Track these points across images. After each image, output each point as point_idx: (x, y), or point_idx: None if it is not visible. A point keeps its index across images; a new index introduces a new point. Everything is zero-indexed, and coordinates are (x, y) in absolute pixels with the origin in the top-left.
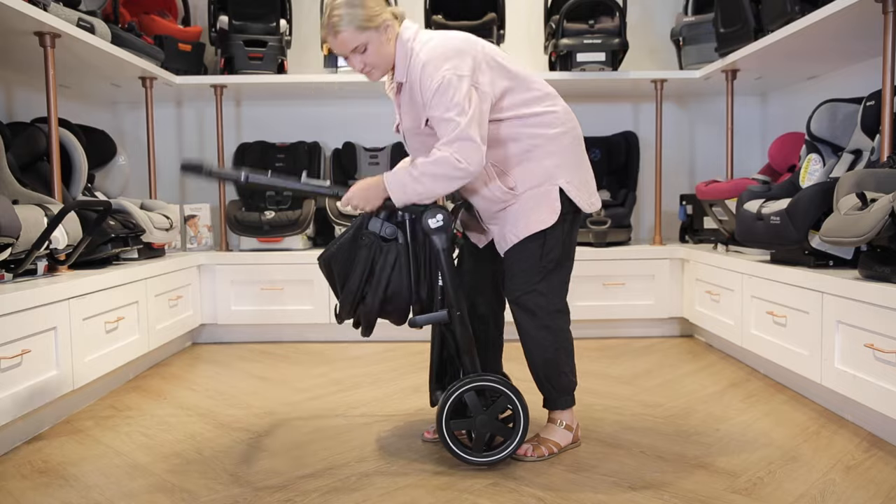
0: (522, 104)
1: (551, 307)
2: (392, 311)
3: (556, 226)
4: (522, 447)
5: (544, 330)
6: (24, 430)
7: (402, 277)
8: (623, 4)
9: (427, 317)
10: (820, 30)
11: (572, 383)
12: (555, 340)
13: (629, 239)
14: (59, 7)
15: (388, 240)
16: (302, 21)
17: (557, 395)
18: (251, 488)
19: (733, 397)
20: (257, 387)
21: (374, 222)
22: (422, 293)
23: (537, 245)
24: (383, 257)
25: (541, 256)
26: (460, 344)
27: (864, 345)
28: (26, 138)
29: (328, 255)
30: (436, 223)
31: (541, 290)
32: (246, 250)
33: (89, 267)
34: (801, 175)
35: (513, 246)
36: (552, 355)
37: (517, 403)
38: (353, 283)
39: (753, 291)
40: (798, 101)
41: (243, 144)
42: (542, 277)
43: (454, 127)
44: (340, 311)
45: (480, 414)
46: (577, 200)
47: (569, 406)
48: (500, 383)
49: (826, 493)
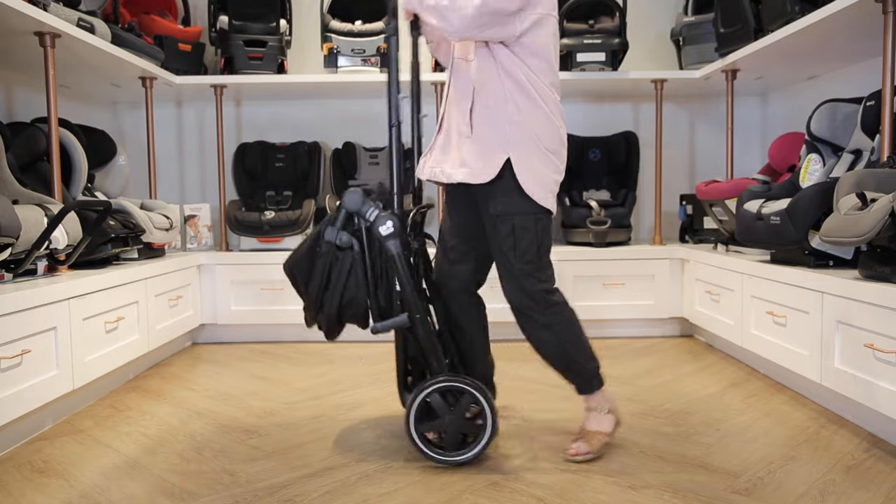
0: (540, 60)
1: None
2: (352, 317)
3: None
4: (573, 446)
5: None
6: (24, 430)
7: (358, 285)
8: (623, 4)
9: (386, 323)
10: (820, 30)
11: (593, 367)
12: (556, 336)
13: (629, 239)
14: (59, 7)
15: (343, 248)
16: (302, 21)
17: (582, 382)
18: (251, 488)
19: (733, 397)
20: (257, 387)
21: (329, 231)
22: (380, 299)
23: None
24: (339, 266)
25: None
26: (424, 346)
27: (864, 345)
28: (26, 138)
29: (291, 262)
30: (386, 230)
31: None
32: (246, 250)
33: (89, 267)
34: (801, 175)
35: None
36: (558, 351)
37: (482, 400)
38: (313, 291)
39: (753, 291)
40: (798, 101)
41: (243, 144)
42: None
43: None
44: (306, 317)
45: (447, 414)
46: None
47: (598, 388)
48: (462, 382)
49: (826, 493)
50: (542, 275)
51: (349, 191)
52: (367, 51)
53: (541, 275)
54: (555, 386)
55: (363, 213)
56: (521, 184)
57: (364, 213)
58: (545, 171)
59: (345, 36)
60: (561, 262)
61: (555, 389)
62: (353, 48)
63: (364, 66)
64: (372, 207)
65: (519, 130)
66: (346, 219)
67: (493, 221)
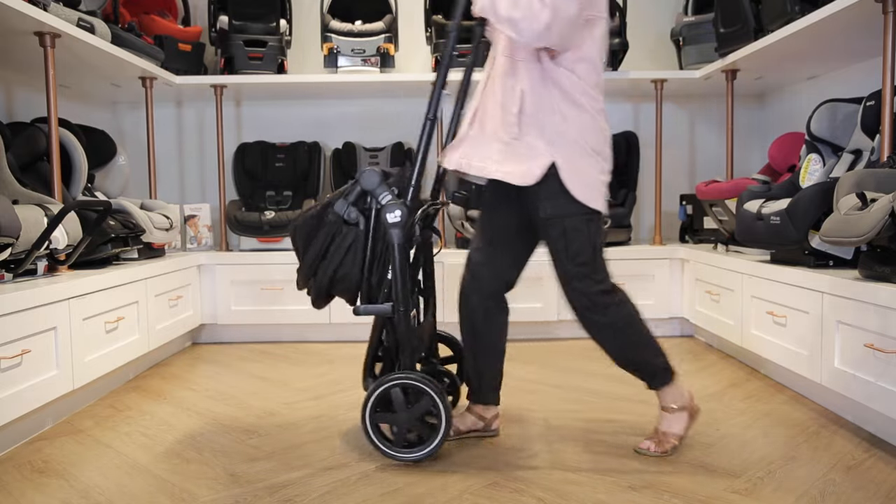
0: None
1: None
2: (342, 292)
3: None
4: (645, 442)
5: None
6: (24, 430)
7: (354, 262)
8: (623, 4)
9: (369, 308)
10: (820, 30)
11: (661, 361)
12: (618, 334)
13: (629, 239)
14: (59, 7)
15: (349, 223)
16: (302, 21)
17: (650, 378)
18: (251, 488)
19: (733, 397)
20: (257, 387)
21: (340, 204)
22: (372, 281)
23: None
24: (340, 239)
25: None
26: (400, 339)
27: (864, 345)
28: (26, 138)
29: (296, 224)
30: (393, 218)
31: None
32: (246, 250)
33: (89, 267)
34: (801, 175)
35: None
36: (622, 349)
37: (440, 406)
38: (309, 258)
39: (753, 291)
40: (798, 101)
41: (243, 144)
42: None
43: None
44: (298, 279)
45: (403, 411)
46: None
47: (668, 382)
48: (424, 383)
49: (826, 493)
50: (597, 276)
51: (368, 169)
52: (367, 51)
53: (596, 276)
54: (555, 386)
55: (377, 194)
56: (567, 187)
57: (378, 194)
58: (591, 173)
59: (345, 36)
60: None
61: (555, 389)
62: (353, 48)
63: (364, 66)
64: (386, 191)
65: (563, 135)
66: (359, 195)
67: (544, 225)
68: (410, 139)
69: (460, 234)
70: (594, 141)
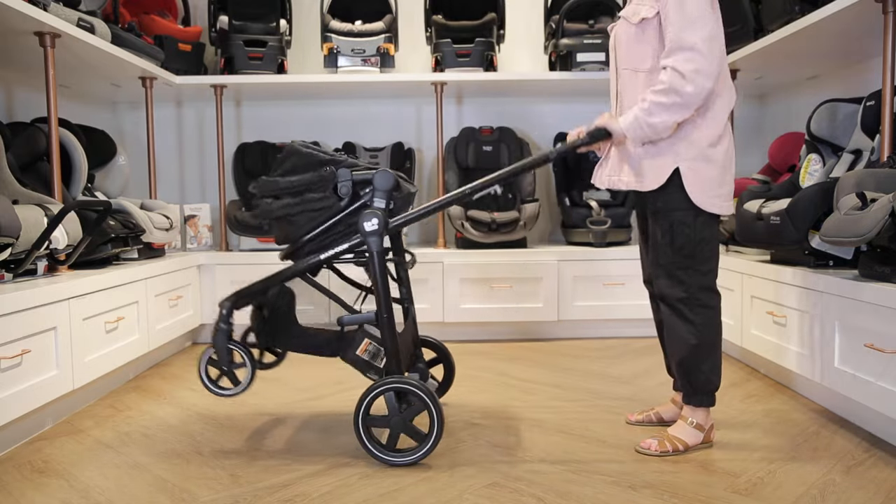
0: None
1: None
2: (279, 234)
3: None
4: (646, 441)
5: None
6: (24, 430)
7: (310, 221)
8: (623, 4)
9: (354, 317)
10: (820, 30)
11: (712, 384)
12: (694, 336)
13: (629, 239)
14: (59, 7)
15: (336, 194)
16: (302, 21)
17: (692, 391)
18: (251, 488)
19: (733, 397)
20: (257, 387)
21: (343, 172)
22: (313, 245)
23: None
24: (319, 197)
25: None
26: (385, 345)
27: (864, 345)
28: (26, 138)
29: (294, 147)
30: (371, 226)
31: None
32: (246, 250)
33: (89, 267)
34: (801, 175)
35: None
36: (690, 351)
37: (433, 411)
38: (285, 182)
39: (753, 291)
40: (798, 101)
41: (243, 144)
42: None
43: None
44: (257, 187)
45: (395, 415)
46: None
47: (703, 405)
48: (417, 388)
49: (826, 493)
50: (703, 267)
51: (386, 171)
52: (366, 51)
53: (702, 267)
54: (555, 386)
55: (377, 195)
56: (686, 190)
57: (378, 195)
58: (711, 178)
59: (345, 36)
60: (561, 262)
61: (555, 389)
62: (352, 48)
63: (364, 67)
64: (385, 199)
65: (689, 143)
66: (363, 182)
67: (655, 217)
68: (410, 139)
69: (460, 234)
70: (714, 152)
